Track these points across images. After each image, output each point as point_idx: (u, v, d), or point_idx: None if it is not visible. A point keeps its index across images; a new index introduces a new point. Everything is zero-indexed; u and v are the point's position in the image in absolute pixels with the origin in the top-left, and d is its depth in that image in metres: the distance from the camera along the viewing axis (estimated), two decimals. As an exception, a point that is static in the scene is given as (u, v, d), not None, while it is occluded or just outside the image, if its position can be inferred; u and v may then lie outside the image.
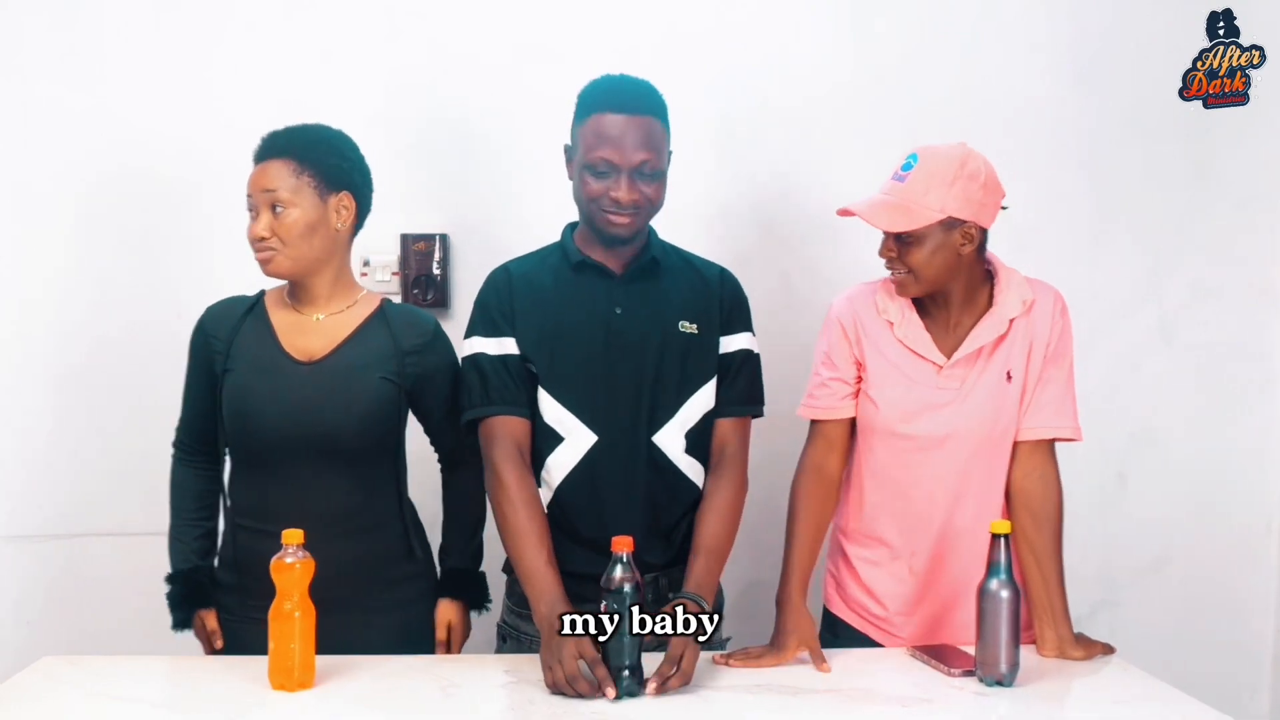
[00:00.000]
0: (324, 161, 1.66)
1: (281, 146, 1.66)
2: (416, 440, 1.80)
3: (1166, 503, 2.42)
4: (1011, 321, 1.66)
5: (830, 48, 2.36)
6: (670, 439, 1.67)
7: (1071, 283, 2.32)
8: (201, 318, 1.72)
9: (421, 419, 1.79)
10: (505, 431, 1.64)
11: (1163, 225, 2.39)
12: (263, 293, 1.74)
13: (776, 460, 1.91)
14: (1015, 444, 1.68)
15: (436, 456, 1.84)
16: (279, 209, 1.62)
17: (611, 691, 1.42)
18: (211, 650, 1.72)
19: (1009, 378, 1.66)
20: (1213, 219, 2.40)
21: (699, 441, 1.71)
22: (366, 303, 1.73)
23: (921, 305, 1.70)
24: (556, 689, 1.44)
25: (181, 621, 1.72)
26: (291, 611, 1.45)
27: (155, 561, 1.76)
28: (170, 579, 1.74)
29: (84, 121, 2.30)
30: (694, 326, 1.69)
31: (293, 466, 1.63)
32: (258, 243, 1.64)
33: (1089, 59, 2.36)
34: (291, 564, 1.44)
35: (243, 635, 1.67)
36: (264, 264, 1.65)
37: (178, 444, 1.79)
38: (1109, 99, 2.37)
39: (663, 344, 1.67)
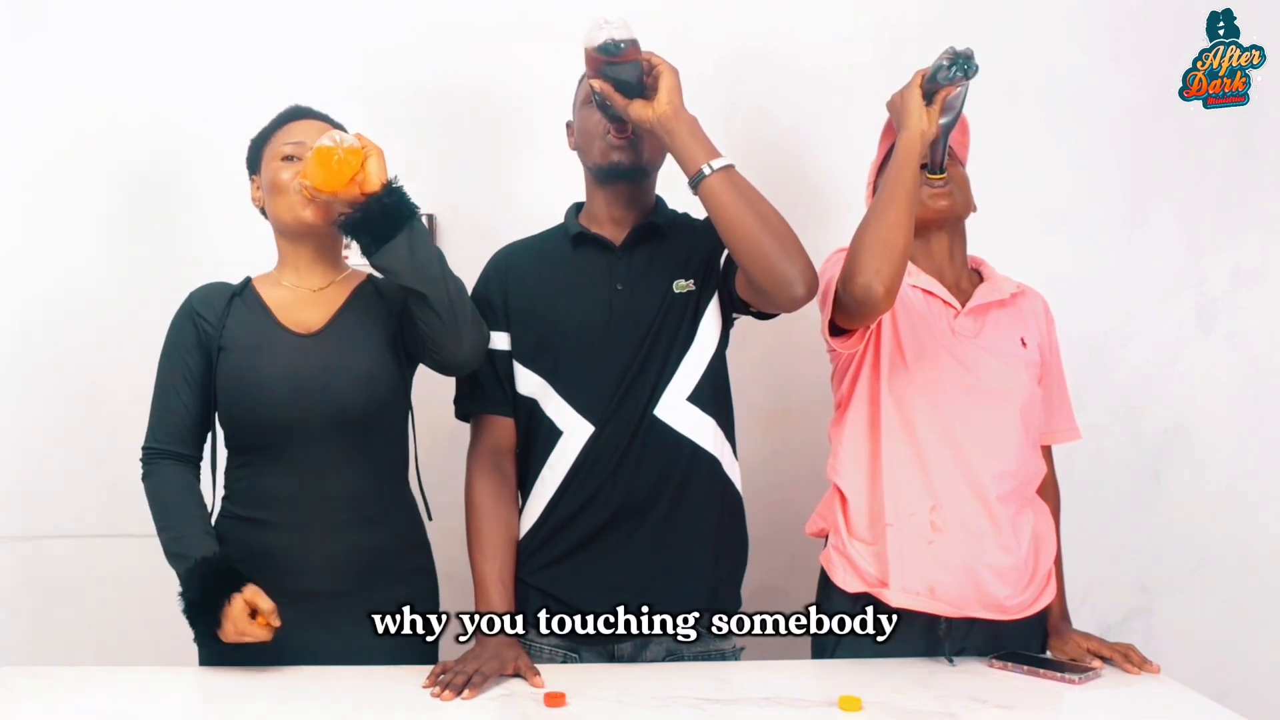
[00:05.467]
0: None
1: (314, 113, 1.74)
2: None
3: (1205, 503, 2.39)
4: (1014, 296, 1.74)
5: (848, 18, 2.34)
6: (670, 407, 1.68)
7: (1104, 267, 2.36)
8: (188, 300, 1.72)
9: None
10: (485, 435, 1.74)
11: (1203, 204, 2.37)
12: (249, 279, 1.75)
13: (785, 457, 1.90)
14: None
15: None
16: None
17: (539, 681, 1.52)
18: (259, 640, 1.53)
19: (1024, 344, 1.72)
20: (1258, 198, 2.37)
21: (704, 389, 1.70)
22: (353, 276, 1.78)
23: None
24: (457, 674, 1.51)
25: (208, 624, 1.53)
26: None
27: (117, 565, 1.72)
28: (190, 573, 1.54)
29: (48, 98, 2.28)
30: (690, 283, 1.70)
31: (299, 448, 1.63)
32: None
33: (1125, 27, 2.34)
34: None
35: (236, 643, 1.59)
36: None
37: (154, 449, 1.68)
38: (1146, 71, 2.34)
39: (660, 312, 1.68)
